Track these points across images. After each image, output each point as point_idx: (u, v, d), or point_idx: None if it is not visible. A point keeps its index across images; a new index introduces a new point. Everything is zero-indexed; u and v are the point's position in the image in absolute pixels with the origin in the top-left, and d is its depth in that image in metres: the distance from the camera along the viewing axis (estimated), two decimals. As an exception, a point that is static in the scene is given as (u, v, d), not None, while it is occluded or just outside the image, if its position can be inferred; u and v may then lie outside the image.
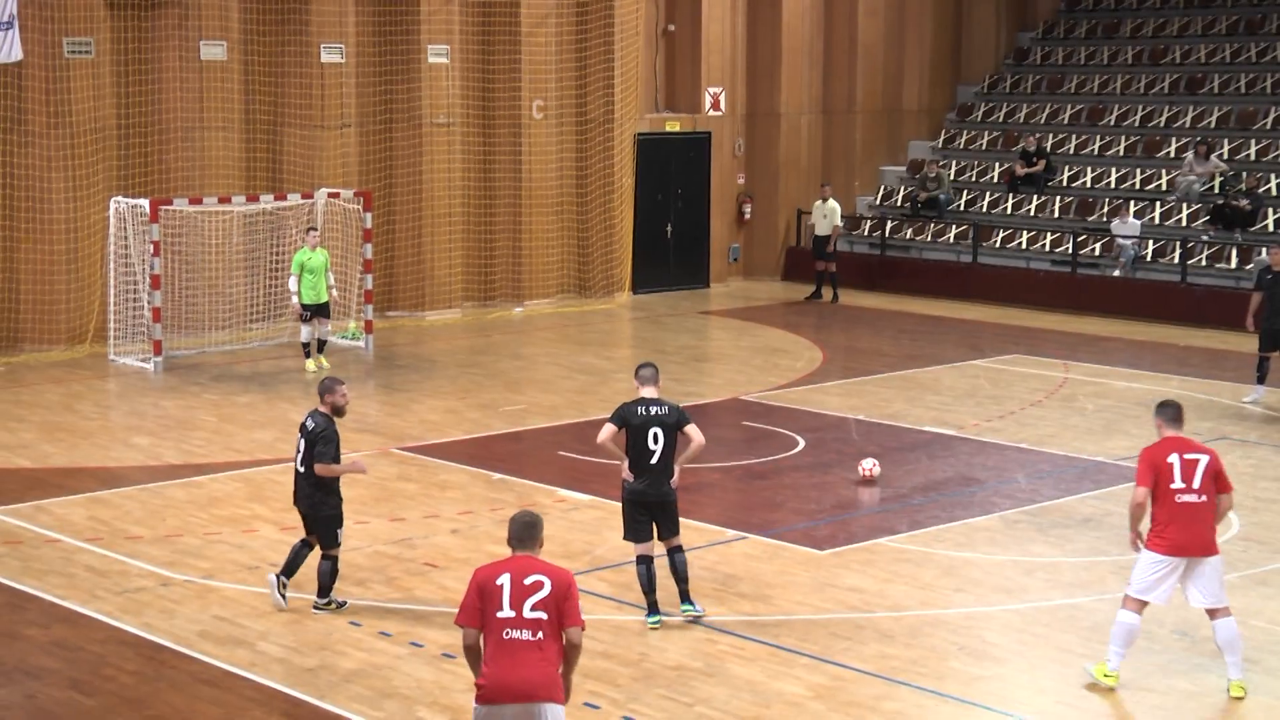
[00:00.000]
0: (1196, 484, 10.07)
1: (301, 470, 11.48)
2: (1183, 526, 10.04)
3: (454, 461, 16.02)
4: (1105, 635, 11.15)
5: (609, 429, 11.18)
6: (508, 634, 7.46)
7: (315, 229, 21.03)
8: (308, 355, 20.56)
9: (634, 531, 11.39)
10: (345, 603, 11.54)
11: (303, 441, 11.44)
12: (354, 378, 20.13)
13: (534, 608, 7.48)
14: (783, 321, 25.77)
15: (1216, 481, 10.19)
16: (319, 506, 11.46)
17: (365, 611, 11.50)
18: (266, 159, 23.90)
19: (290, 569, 11.55)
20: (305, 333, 20.57)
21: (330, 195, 23.17)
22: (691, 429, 11.24)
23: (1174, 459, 10.11)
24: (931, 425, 17.95)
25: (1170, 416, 10.39)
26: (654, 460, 11.19)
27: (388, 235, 24.86)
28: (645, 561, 11.36)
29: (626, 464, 11.29)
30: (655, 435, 11.14)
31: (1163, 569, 10.08)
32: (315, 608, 11.49)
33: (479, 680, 7.54)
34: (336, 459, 11.34)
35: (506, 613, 7.48)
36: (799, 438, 17.22)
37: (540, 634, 7.47)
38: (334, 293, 20.82)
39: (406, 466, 15.88)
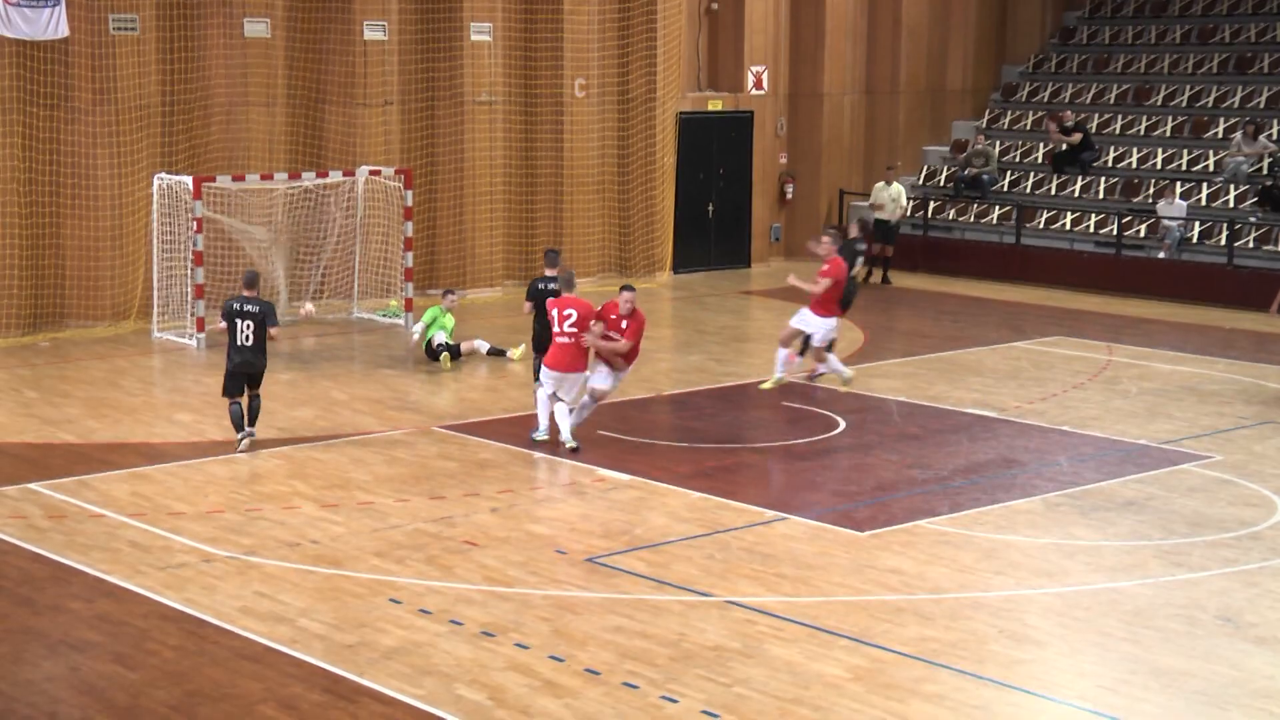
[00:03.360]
0: None
1: (250, 342, 15.30)
2: None
3: (494, 440, 16.05)
4: (1147, 619, 11.11)
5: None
6: (557, 339, 15.33)
7: (454, 293, 20.78)
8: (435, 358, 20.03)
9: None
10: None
11: (250, 321, 15.31)
12: (395, 356, 20.18)
13: (569, 325, 15.30)
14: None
15: None
16: (262, 363, 15.52)
17: (405, 589, 11.56)
18: (309, 136, 23.96)
19: (245, 423, 15.44)
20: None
21: (371, 173, 23.21)
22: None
23: None
24: (973, 407, 17.88)
25: None
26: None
27: (429, 213, 24.89)
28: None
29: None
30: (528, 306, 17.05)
31: None
32: (249, 435, 15.42)
33: (545, 360, 15.48)
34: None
35: (556, 328, 15.34)
36: (840, 419, 17.18)
37: (571, 339, 15.30)
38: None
39: (447, 445, 15.92)
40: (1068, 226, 28.14)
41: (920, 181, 31.05)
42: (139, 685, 9.80)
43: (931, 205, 29.85)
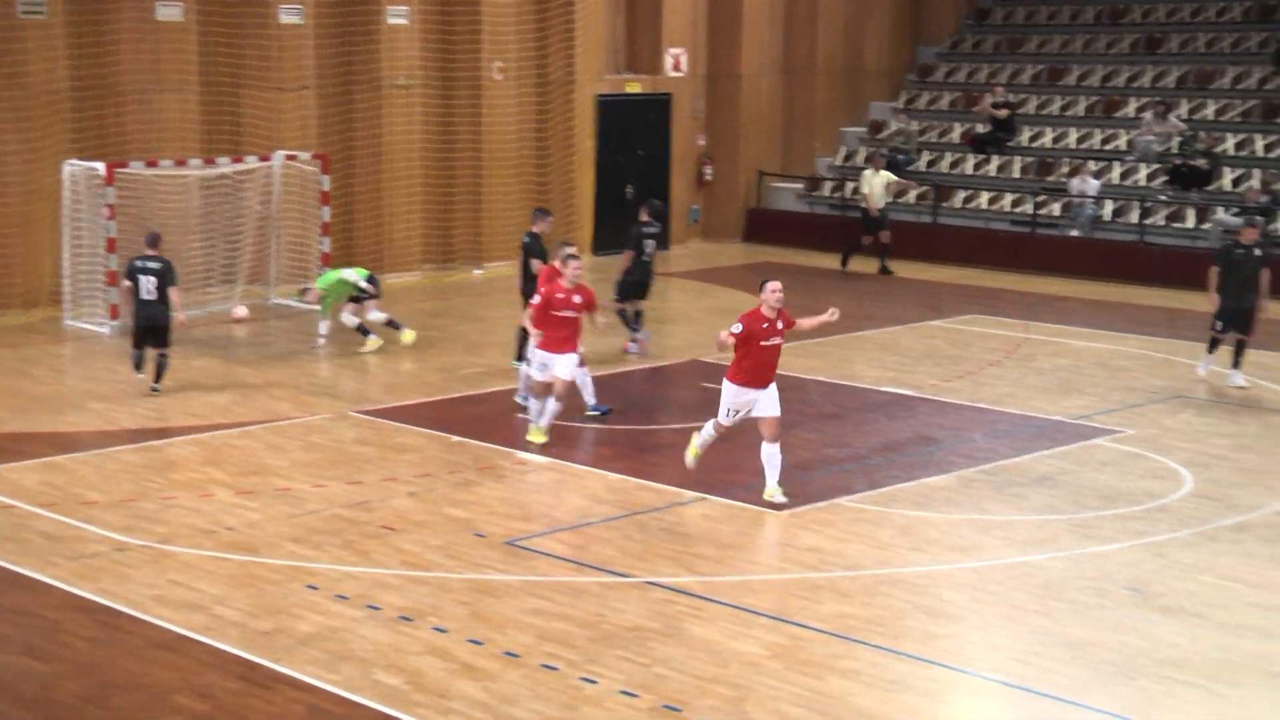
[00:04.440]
0: None
1: (154, 297, 16.64)
2: None
3: (412, 424, 15.97)
4: (1058, 592, 11.25)
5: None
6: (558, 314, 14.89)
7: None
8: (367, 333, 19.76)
9: None
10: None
11: (153, 278, 16.64)
12: (312, 341, 20.01)
13: (571, 309, 14.88)
14: (742, 283, 25.70)
15: None
16: (166, 318, 16.67)
17: (322, 575, 11.48)
18: (224, 121, 23.68)
19: (152, 380, 16.86)
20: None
21: (288, 158, 22.99)
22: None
23: None
24: (890, 386, 18.00)
25: None
26: None
27: (346, 198, 24.69)
28: None
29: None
30: None
31: None
32: (155, 389, 16.78)
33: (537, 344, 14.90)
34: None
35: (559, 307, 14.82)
36: (758, 399, 17.21)
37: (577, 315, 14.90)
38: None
39: (364, 429, 15.83)
40: (984, 206, 28.39)
41: (839, 162, 31.21)
42: (50, 677, 9.67)
43: (849, 186, 29.98)
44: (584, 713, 9.19)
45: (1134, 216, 26.60)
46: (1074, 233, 27.07)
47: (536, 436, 15.04)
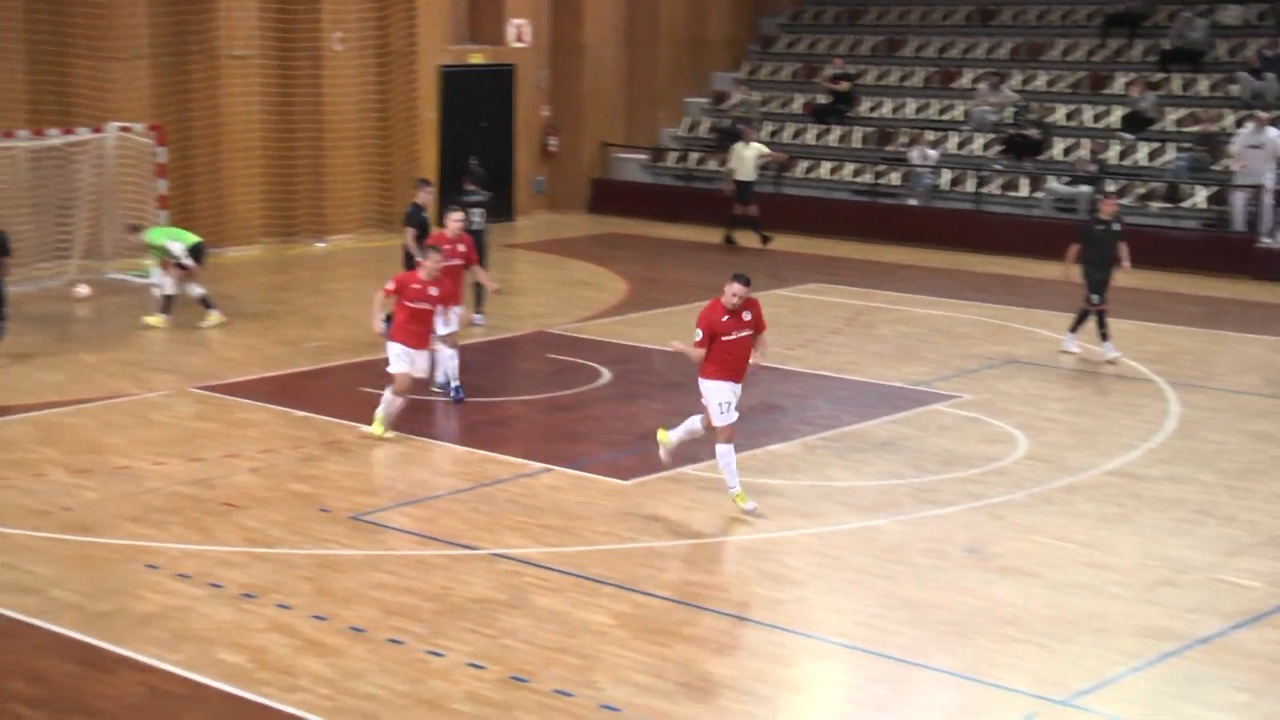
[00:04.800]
0: None
1: None
2: None
3: (254, 400, 15.71)
4: (899, 555, 11.44)
5: None
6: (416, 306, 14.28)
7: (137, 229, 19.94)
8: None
9: None
10: None
11: None
12: (150, 316, 19.56)
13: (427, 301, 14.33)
14: (588, 254, 25.77)
15: None
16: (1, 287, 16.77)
17: (162, 554, 11.25)
18: (51, 91, 22.99)
19: None
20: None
21: (122, 129, 22.40)
22: None
23: None
24: (735, 354, 18.11)
25: None
26: None
27: (184, 171, 24.14)
28: None
29: None
30: None
31: None
32: None
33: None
34: None
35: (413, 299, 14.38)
36: (604, 369, 17.27)
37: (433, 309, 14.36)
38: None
39: (205, 405, 15.54)
40: (826, 175, 28.72)
41: (682, 132, 31.32)
42: (-123, 665, 9.35)
43: (694, 156, 30.13)
44: (431, 685, 9.14)
45: (970, 185, 27.12)
46: (913, 202, 27.52)
47: (379, 429, 14.28)
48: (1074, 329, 18.29)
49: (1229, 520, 12.41)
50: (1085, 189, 25.81)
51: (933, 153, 27.68)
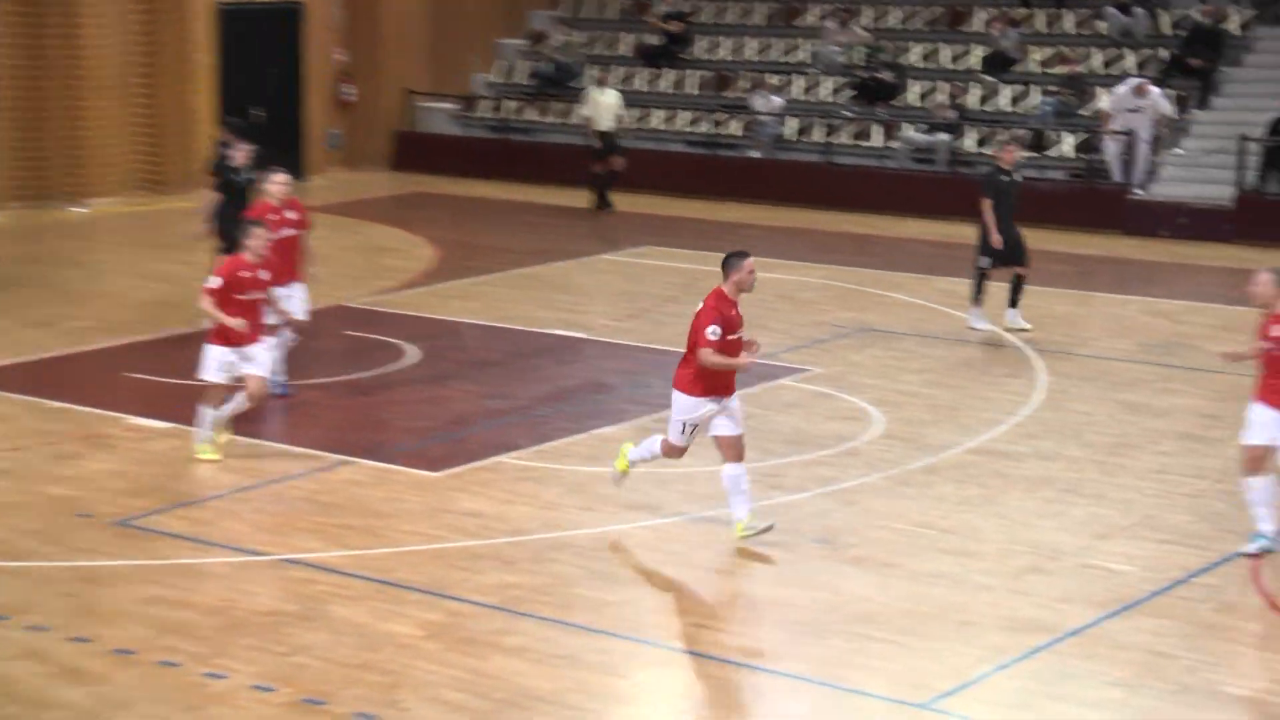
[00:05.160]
0: None
1: None
2: None
3: (1, 390, 15.32)
4: (744, 549, 11.52)
5: None
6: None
7: None
8: None
9: None
10: None
11: None
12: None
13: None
14: (391, 217, 25.57)
15: None
16: None
17: (-107, 572, 10.90)
18: None
19: None
20: None
21: None
22: None
23: None
24: (559, 328, 18.15)
25: None
26: None
27: (-86, 125, 23.45)
28: None
29: None
30: None
31: None
32: None
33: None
34: None
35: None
36: (409, 347, 17.16)
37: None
38: None
39: (-57, 399, 15.11)
40: (659, 125, 28.81)
41: (497, 79, 31.18)
42: None
43: (510, 106, 30.03)
44: (211, 713, 8.99)
45: (818, 135, 27.44)
46: (755, 154, 27.75)
47: (208, 453, 13.30)
48: (976, 299, 18.00)
49: (1099, 499, 12.74)
50: (944, 137, 26.30)
51: (776, 99, 27.94)
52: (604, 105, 26.39)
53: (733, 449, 11.55)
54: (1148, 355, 17.32)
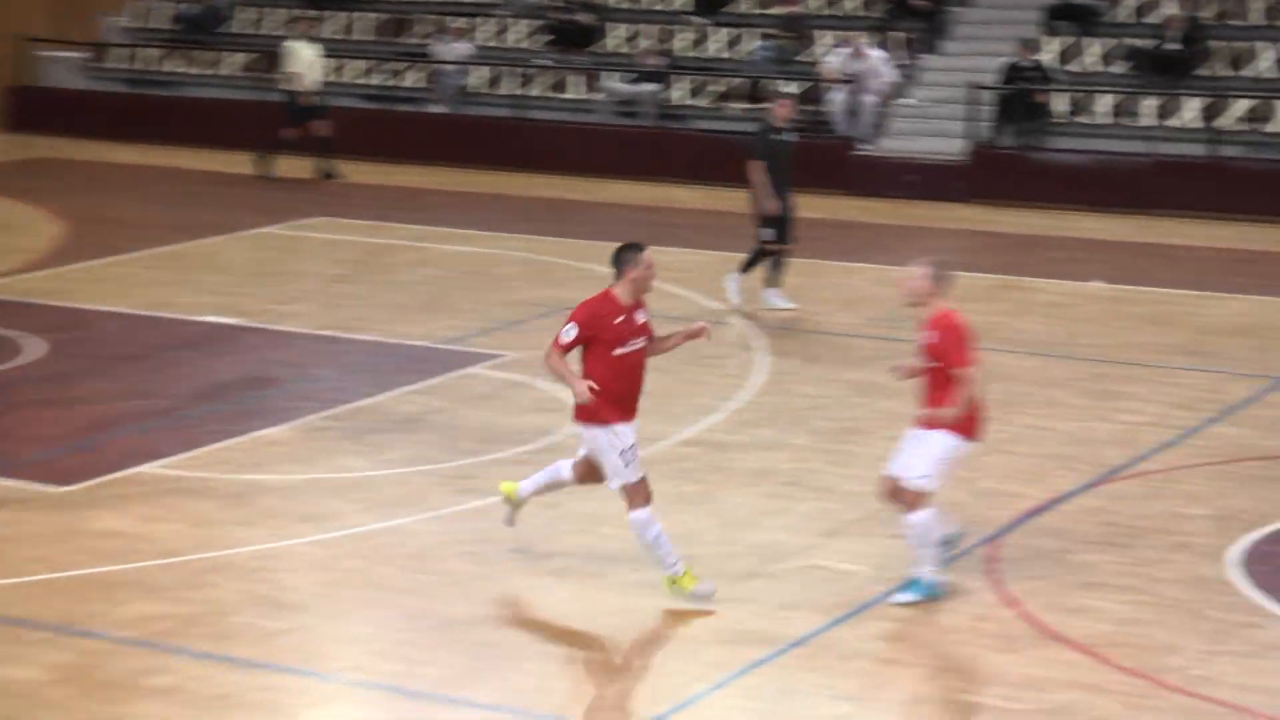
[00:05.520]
0: None
1: None
2: None
3: None
4: (432, 562, 11.50)
5: None
6: None
7: None
8: None
9: None
10: None
11: None
12: None
13: None
14: (8, 187, 24.89)
15: None
16: None
17: None
18: None
19: None
20: None
21: None
22: None
23: None
24: (211, 314, 17.92)
25: None
26: None
27: None
28: None
29: None
30: None
31: None
32: None
33: None
34: None
35: None
36: (31, 341, 16.75)
37: None
38: None
39: None
40: (326, 77, 28.48)
41: (133, 23, 30.54)
42: None
43: (149, 55, 29.47)
44: None
45: (509, 86, 27.50)
46: (438, 108, 27.68)
47: None
48: (746, 269, 18.07)
49: (826, 492, 13.03)
50: (651, 87, 26.59)
51: (461, 45, 27.90)
52: (308, 59, 26.07)
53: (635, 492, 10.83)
54: (878, 329, 17.76)
